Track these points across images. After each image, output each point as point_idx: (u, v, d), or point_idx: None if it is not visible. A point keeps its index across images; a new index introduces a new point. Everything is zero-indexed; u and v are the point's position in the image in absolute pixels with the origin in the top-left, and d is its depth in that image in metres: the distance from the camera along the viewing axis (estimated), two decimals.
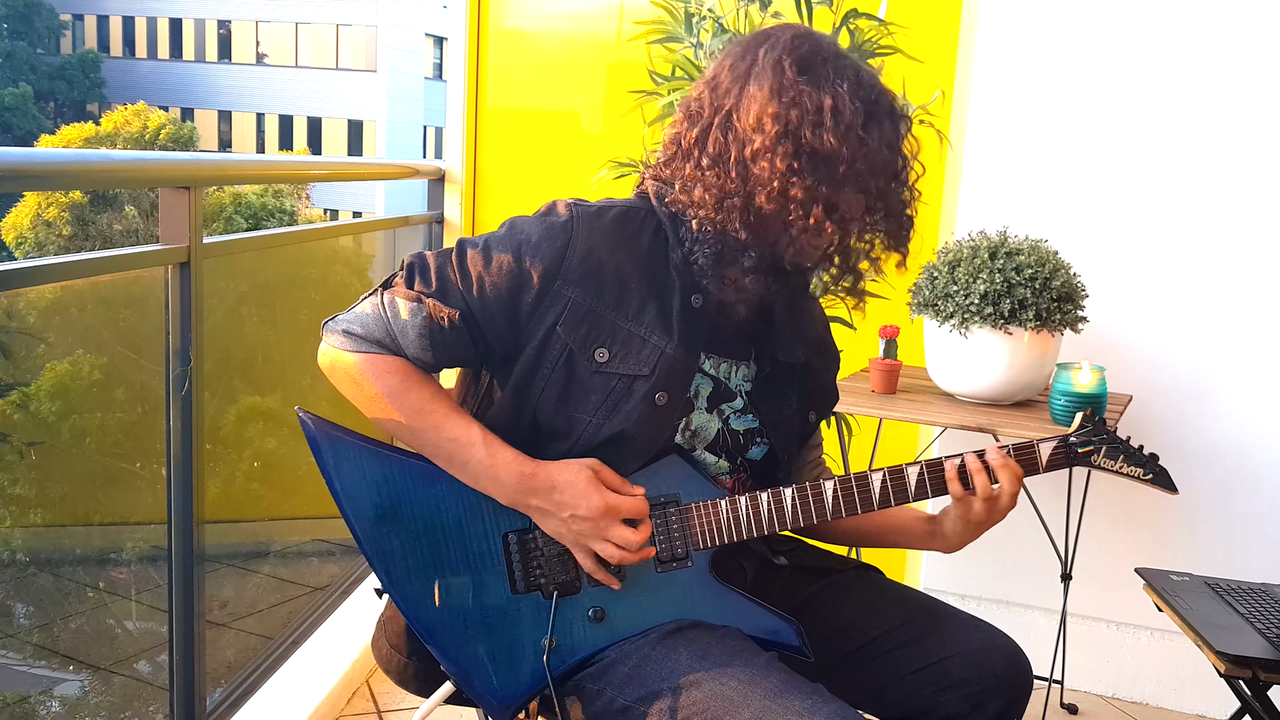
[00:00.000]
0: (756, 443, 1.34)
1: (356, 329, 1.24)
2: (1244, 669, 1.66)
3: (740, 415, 1.33)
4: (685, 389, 1.27)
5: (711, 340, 1.30)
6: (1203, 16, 2.42)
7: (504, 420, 1.27)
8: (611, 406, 1.23)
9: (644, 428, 1.24)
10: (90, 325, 2.07)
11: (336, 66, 30.78)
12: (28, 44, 32.21)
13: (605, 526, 1.21)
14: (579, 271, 1.22)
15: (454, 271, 1.24)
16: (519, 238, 1.24)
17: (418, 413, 1.23)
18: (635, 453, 1.25)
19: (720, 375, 1.31)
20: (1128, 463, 1.31)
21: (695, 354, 1.27)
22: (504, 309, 1.23)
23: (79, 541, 2.16)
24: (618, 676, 1.22)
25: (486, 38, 3.25)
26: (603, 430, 1.23)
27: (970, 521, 1.29)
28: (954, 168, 2.70)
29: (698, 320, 1.27)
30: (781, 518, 1.26)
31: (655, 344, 1.24)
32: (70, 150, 1.90)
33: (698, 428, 1.30)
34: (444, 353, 1.24)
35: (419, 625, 1.26)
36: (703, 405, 1.30)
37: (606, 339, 1.23)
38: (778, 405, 1.35)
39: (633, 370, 1.23)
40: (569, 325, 1.22)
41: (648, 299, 1.24)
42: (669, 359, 1.24)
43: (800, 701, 1.11)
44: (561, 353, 1.23)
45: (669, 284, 1.26)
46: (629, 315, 1.24)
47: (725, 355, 1.32)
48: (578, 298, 1.22)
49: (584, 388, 1.23)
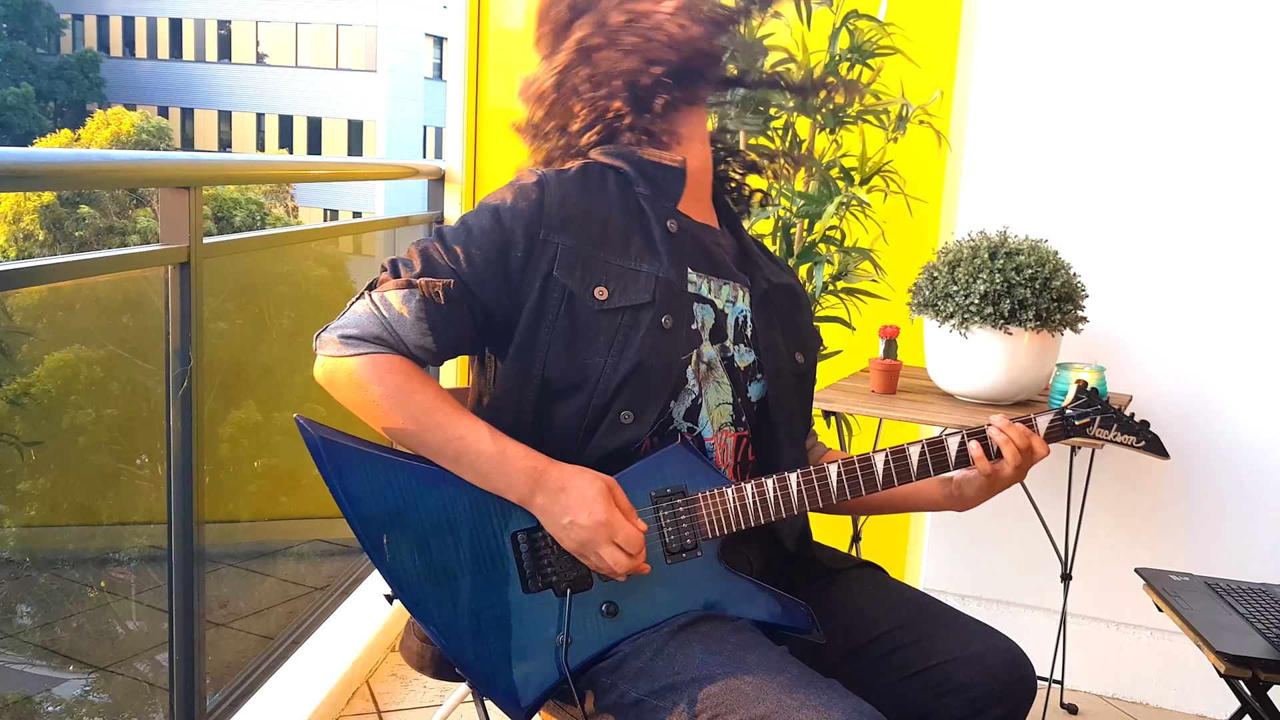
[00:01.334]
0: (756, 379, 1.37)
1: (352, 331, 1.23)
2: (1244, 669, 1.66)
3: (739, 349, 1.36)
4: (687, 312, 1.30)
5: (700, 260, 1.34)
6: (1203, 16, 2.42)
7: (512, 390, 1.27)
8: (624, 341, 1.25)
9: (659, 355, 1.26)
10: (90, 325, 2.07)
11: (336, 66, 30.79)
12: (27, 44, 32.21)
13: (599, 542, 1.20)
14: (560, 218, 1.27)
15: (438, 250, 1.27)
16: (494, 204, 1.29)
17: (423, 411, 1.22)
18: (655, 386, 1.26)
19: (719, 303, 1.34)
20: (1121, 431, 1.34)
21: (684, 274, 1.31)
22: (495, 271, 1.26)
23: (79, 541, 2.16)
24: (631, 670, 1.22)
25: (486, 38, 3.26)
26: (620, 367, 1.25)
27: (995, 486, 1.35)
28: (954, 168, 2.70)
29: (680, 242, 1.32)
30: (788, 502, 1.27)
31: (649, 271, 1.28)
32: (70, 150, 1.90)
33: (709, 359, 1.32)
34: (444, 333, 1.24)
35: (433, 629, 1.25)
36: (706, 337, 1.33)
37: (602, 276, 1.26)
38: (771, 334, 1.39)
39: (635, 300, 1.26)
40: (565, 269, 1.25)
41: (630, 233, 1.30)
42: (665, 282, 1.28)
43: (816, 696, 1.11)
44: (561, 300, 1.25)
45: (644, 217, 1.31)
46: (616, 252, 1.28)
47: (717, 275, 1.35)
48: (565, 242, 1.26)
49: (591, 330, 1.25)
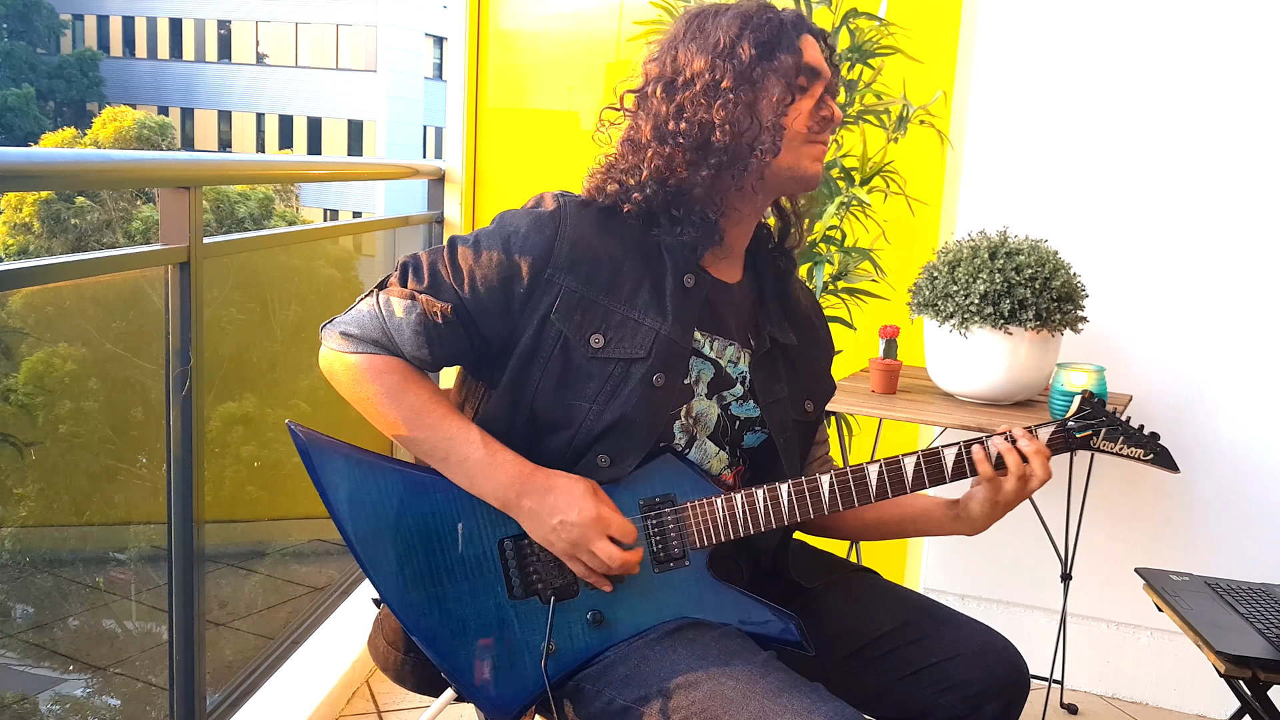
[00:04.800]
0: (755, 430, 1.34)
1: (354, 330, 1.25)
2: (1244, 669, 1.66)
3: (741, 403, 1.33)
4: (682, 370, 1.27)
5: (708, 319, 1.30)
6: (1203, 17, 2.42)
7: (501, 415, 1.26)
8: (611, 392, 1.23)
9: (644, 410, 1.24)
10: (89, 325, 2.07)
11: (336, 66, 30.79)
12: (27, 43, 32.21)
13: (592, 538, 1.20)
14: (569, 259, 1.23)
15: (445, 268, 1.25)
16: (507, 230, 1.25)
17: (416, 411, 1.23)
18: (637, 439, 1.25)
19: (722, 361, 1.31)
20: (1128, 444, 1.30)
21: (690, 333, 1.28)
22: (496, 301, 1.24)
23: (79, 541, 2.16)
24: (616, 677, 1.22)
25: (486, 38, 3.26)
26: (604, 416, 1.23)
27: (999, 502, 1.31)
28: (954, 168, 2.70)
29: (692, 299, 1.28)
30: (778, 513, 1.26)
31: (650, 326, 1.24)
32: (70, 150, 1.90)
33: (699, 413, 1.30)
34: (439, 349, 1.25)
35: (418, 633, 1.26)
36: (703, 391, 1.30)
37: (601, 324, 1.24)
38: (772, 387, 1.35)
39: (629, 354, 1.24)
40: (563, 313, 1.23)
41: (641, 282, 1.26)
42: (665, 340, 1.25)
43: (799, 700, 1.11)
44: (557, 341, 1.23)
45: (661, 266, 1.27)
46: (622, 299, 1.25)
47: (723, 335, 1.32)
48: (570, 285, 1.23)
49: (582, 375, 1.24)
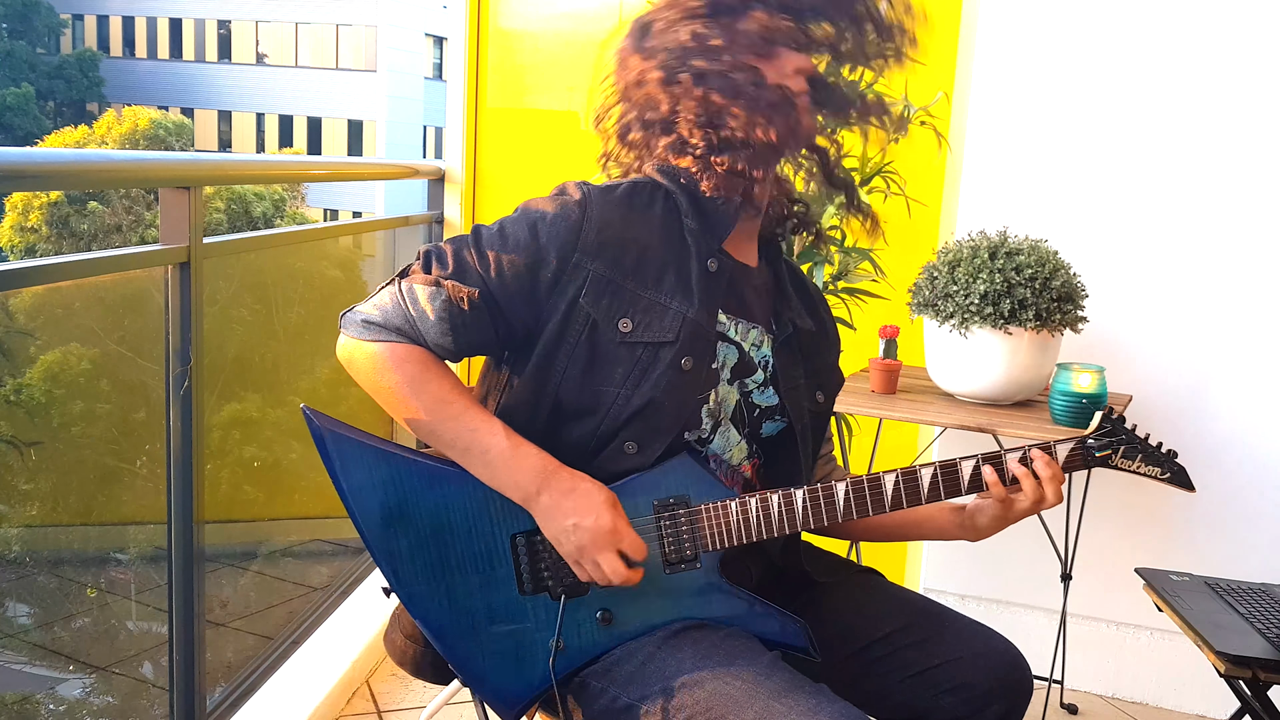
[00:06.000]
0: (773, 419, 1.35)
1: (375, 318, 1.23)
2: (1244, 669, 1.66)
3: (761, 390, 1.33)
4: (710, 353, 1.28)
5: (732, 302, 1.31)
6: (1203, 17, 2.42)
7: (524, 402, 1.26)
8: (639, 376, 1.23)
9: (672, 395, 1.24)
10: (90, 325, 2.07)
11: (336, 66, 30.77)
12: (27, 43, 32.20)
13: (602, 547, 1.19)
14: (596, 244, 1.23)
15: (471, 254, 1.24)
16: (533, 216, 1.25)
17: (438, 402, 1.22)
18: (664, 425, 1.25)
19: (745, 345, 1.32)
20: (1146, 462, 1.29)
21: (715, 316, 1.28)
22: (523, 286, 1.23)
23: (79, 541, 2.16)
24: (622, 675, 1.22)
25: (486, 38, 3.26)
26: (632, 401, 1.23)
27: (1009, 519, 1.32)
28: (954, 168, 2.70)
29: (716, 283, 1.28)
30: (792, 519, 1.26)
31: (677, 310, 1.24)
32: (70, 150, 1.91)
33: (722, 399, 1.30)
34: (464, 336, 1.23)
35: (427, 625, 1.26)
36: (726, 376, 1.30)
37: (629, 309, 1.24)
38: (792, 373, 1.36)
39: (657, 338, 1.24)
40: (591, 297, 1.23)
41: (666, 267, 1.26)
42: (692, 323, 1.25)
43: (804, 701, 1.11)
44: (585, 326, 1.23)
45: (685, 251, 1.27)
46: (649, 284, 1.25)
47: (747, 318, 1.33)
48: (598, 270, 1.23)
49: (609, 360, 1.23)
